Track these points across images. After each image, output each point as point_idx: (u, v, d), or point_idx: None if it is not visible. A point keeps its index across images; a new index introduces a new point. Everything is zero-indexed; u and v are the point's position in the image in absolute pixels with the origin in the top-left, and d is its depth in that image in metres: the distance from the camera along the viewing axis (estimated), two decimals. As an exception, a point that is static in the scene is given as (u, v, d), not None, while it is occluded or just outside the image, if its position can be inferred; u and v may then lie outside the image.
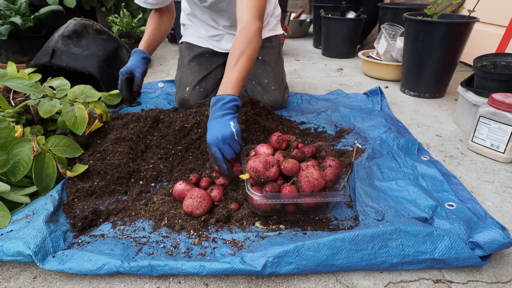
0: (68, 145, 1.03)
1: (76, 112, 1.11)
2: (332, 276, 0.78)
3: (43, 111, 1.08)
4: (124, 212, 0.93)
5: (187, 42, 1.65)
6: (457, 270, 0.79)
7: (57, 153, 1.00)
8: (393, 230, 0.77)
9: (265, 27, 1.62)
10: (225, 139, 0.94)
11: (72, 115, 1.10)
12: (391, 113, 1.58)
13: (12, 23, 1.90)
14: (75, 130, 1.09)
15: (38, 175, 0.95)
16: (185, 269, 0.74)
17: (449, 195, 0.98)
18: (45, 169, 0.96)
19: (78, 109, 1.12)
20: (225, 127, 0.94)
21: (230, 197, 0.98)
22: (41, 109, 1.08)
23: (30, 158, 0.94)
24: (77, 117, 1.10)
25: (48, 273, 0.78)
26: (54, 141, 1.01)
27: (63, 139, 1.02)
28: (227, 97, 0.99)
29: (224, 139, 0.94)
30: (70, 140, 1.04)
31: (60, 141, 1.01)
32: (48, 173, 0.97)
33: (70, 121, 1.09)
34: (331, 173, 0.89)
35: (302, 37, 3.48)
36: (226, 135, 0.94)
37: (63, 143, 1.02)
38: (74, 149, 1.04)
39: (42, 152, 0.97)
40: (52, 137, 1.01)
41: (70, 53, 1.51)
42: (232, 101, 0.99)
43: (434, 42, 1.66)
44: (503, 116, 1.17)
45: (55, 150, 1.00)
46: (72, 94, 1.17)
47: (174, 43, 3.13)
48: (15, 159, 0.93)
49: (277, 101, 1.58)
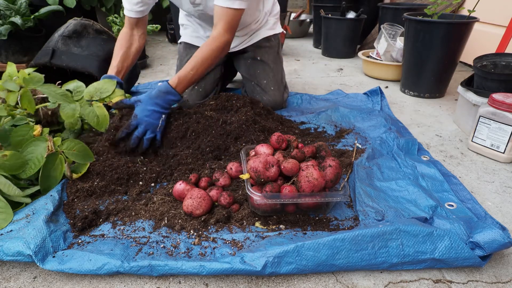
0: (81, 150, 1.03)
1: (96, 111, 1.14)
2: (332, 276, 0.78)
3: (65, 115, 1.11)
4: (124, 212, 0.93)
5: (185, 42, 1.65)
6: (457, 270, 0.79)
7: (70, 156, 1.00)
8: (393, 230, 0.77)
9: (264, 26, 1.62)
10: (148, 125, 1.11)
11: (94, 115, 1.14)
12: (391, 113, 1.58)
13: (12, 23, 1.90)
14: (99, 129, 1.14)
15: (45, 175, 0.96)
16: (185, 269, 0.74)
17: (449, 195, 0.98)
18: (53, 170, 0.97)
19: (97, 108, 1.15)
20: (157, 119, 1.13)
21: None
22: (63, 113, 1.11)
23: (43, 157, 0.95)
24: (99, 115, 1.14)
25: (48, 273, 0.78)
26: (69, 144, 1.01)
27: (78, 144, 1.02)
28: (177, 96, 1.17)
29: (148, 124, 1.11)
30: (84, 146, 1.03)
31: (75, 145, 1.02)
32: (54, 174, 0.97)
33: (93, 121, 1.13)
34: (331, 173, 0.89)
35: (302, 37, 3.48)
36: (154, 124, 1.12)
37: (77, 148, 1.02)
38: (86, 155, 1.03)
39: (56, 153, 0.98)
40: (68, 140, 1.02)
41: (70, 53, 1.51)
42: (175, 100, 1.17)
43: (434, 42, 1.66)
44: (503, 116, 1.17)
45: (69, 153, 1.00)
46: (88, 94, 1.19)
47: (174, 43, 3.13)
48: (29, 156, 0.95)
49: (276, 101, 1.58)
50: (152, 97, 1.13)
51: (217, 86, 1.65)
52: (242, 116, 1.23)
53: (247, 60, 1.61)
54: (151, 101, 1.13)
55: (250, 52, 1.61)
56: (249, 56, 1.61)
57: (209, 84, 1.59)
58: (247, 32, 1.58)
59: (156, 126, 1.13)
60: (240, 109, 1.28)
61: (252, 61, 1.60)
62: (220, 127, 1.18)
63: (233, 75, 1.91)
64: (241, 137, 1.18)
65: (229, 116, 1.24)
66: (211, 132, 1.16)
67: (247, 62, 1.61)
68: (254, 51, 1.60)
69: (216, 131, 1.16)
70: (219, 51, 1.22)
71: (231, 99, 1.34)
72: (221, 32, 1.21)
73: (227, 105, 1.31)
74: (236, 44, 1.58)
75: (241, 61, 1.64)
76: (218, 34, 1.21)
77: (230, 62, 1.70)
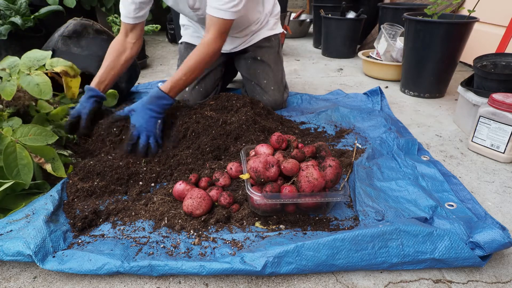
0: (39, 133, 0.96)
1: (36, 79, 1.04)
2: (332, 276, 0.78)
3: (6, 94, 1.01)
4: (124, 212, 0.93)
5: (186, 42, 1.65)
6: (457, 270, 0.79)
7: (27, 142, 0.94)
8: (393, 230, 0.77)
9: (264, 26, 1.62)
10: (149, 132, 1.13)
11: (34, 84, 1.03)
12: (391, 113, 1.58)
13: (12, 23, 1.89)
14: (44, 97, 1.03)
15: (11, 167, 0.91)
16: (185, 269, 0.74)
17: (449, 195, 0.98)
18: (19, 160, 0.92)
19: (36, 76, 1.05)
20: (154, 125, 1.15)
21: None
22: (3, 92, 1.02)
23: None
24: (39, 83, 1.03)
25: (48, 273, 0.78)
26: (22, 131, 0.95)
27: (33, 127, 0.95)
28: (170, 100, 1.18)
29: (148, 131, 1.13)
30: (40, 127, 0.96)
31: (30, 130, 0.95)
32: (23, 163, 0.92)
33: (34, 91, 1.03)
34: (331, 173, 0.89)
35: (302, 37, 3.48)
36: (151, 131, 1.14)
37: (33, 132, 0.95)
38: (46, 136, 0.96)
39: (11, 143, 0.92)
40: (20, 127, 0.96)
41: (70, 53, 1.51)
42: (168, 104, 1.18)
43: (434, 42, 1.66)
44: (503, 116, 1.17)
45: (25, 140, 0.94)
46: (24, 66, 1.10)
47: (174, 43, 3.13)
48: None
49: (276, 101, 1.58)
50: (145, 104, 1.14)
51: (217, 86, 1.65)
52: (242, 116, 1.23)
53: (247, 60, 1.61)
54: (145, 108, 1.14)
55: (250, 52, 1.61)
56: (249, 56, 1.61)
57: (210, 84, 1.59)
58: (248, 32, 1.58)
59: (155, 132, 1.14)
60: (240, 109, 1.28)
61: (252, 61, 1.60)
62: (220, 127, 1.18)
63: (233, 75, 1.91)
64: (241, 137, 1.18)
65: (229, 116, 1.24)
66: (211, 132, 1.16)
67: (247, 62, 1.61)
68: (254, 51, 1.60)
69: (216, 131, 1.16)
70: (210, 57, 1.24)
71: (231, 99, 1.34)
72: (212, 39, 1.22)
73: (227, 105, 1.31)
74: (237, 44, 1.58)
75: (242, 61, 1.64)
76: (210, 40, 1.23)
77: (230, 62, 1.70)
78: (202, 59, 1.22)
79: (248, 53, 1.61)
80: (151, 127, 1.14)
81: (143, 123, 1.13)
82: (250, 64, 1.60)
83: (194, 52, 1.22)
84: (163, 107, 1.16)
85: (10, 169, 0.91)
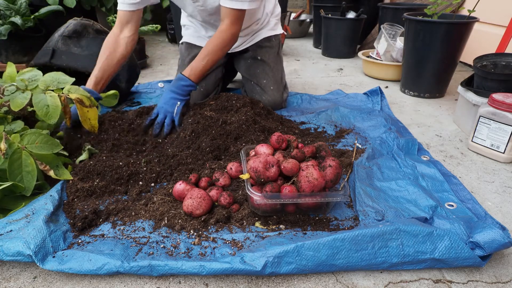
0: (45, 142, 0.96)
1: (48, 100, 1.03)
2: (332, 276, 0.78)
3: (15, 105, 1.01)
4: (124, 212, 0.93)
5: (187, 42, 1.65)
6: (457, 270, 0.79)
7: (34, 150, 0.94)
8: (393, 230, 0.77)
9: (265, 26, 1.62)
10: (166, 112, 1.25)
11: (44, 104, 1.02)
12: (391, 113, 1.58)
13: (12, 23, 1.90)
14: (47, 120, 1.02)
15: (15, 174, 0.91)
16: (185, 269, 0.74)
17: (449, 195, 0.98)
18: (24, 167, 0.92)
19: (50, 97, 1.04)
20: (172, 106, 1.26)
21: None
22: (13, 102, 1.01)
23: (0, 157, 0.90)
24: (49, 105, 1.02)
25: (48, 273, 0.78)
26: (30, 138, 0.95)
27: (40, 135, 0.95)
28: (188, 81, 1.27)
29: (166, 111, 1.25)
30: (47, 136, 0.97)
31: (37, 137, 0.94)
32: (28, 170, 0.92)
33: (41, 110, 1.01)
34: (331, 173, 0.89)
35: (302, 37, 3.48)
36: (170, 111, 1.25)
37: (40, 140, 0.95)
38: (52, 145, 0.97)
39: (17, 150, 0.92)
40: (28, 133, 0.96)
41: (70, 53, 1.51)
42: (190, 86, 1.28)
43: (434, 42, 1.66)
44: (503, 116, 1.17)
45: (32, 147, 0.94)
46: (43, 83, 1.10)
47: (174, 43, 3.13)
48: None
49: (276, 101, 1.58)
50: (169, 87, 1.27)
51: (218, 86, 1.65)
52: (242, 116, 1.23)
53: (247, 59, 1.61)
54: (168, 90, 1.27)
55: (250, 51, 1.61)
56: (249, 56, 1.61)
57: (211, 83, 1.59)
58: (249, 32, 1.58)
59: (173, 112, 1.23)
60: (240, 109, 1.28)
61: (252, 61, 1.60)
62: (220, 127, 1.18)
63: (233, 75, 1.91)
64: (241, 137, 1.18)
65: (229, 116, 1.24)
66: (211, 132, 1.16)
67: (247, 61, 1.61)
68: (254, 51, 1.60)
69: (216, 131, 1.16)
70: (228, 42, 1.30)
71: (231, 99, 1.34)
72: (229, 25, 1.29)
73: (227, 105, 1.31)
74: (238, 44, 1.58)
75: (241, 61, 1.64)
76: (226, 27, 1.29)
77: (230, 63, 1.71)
78: (220, 43, 1.29)
79: (248, 53, 1.61)
80: (170, 107, 1.25)
81: (163, 103, 1.26)
82: (250, 64, 1.60)
83: (212, 39, 1.30)
84: (182, 88, 1.26)
85: (13, 175, 0.92)
